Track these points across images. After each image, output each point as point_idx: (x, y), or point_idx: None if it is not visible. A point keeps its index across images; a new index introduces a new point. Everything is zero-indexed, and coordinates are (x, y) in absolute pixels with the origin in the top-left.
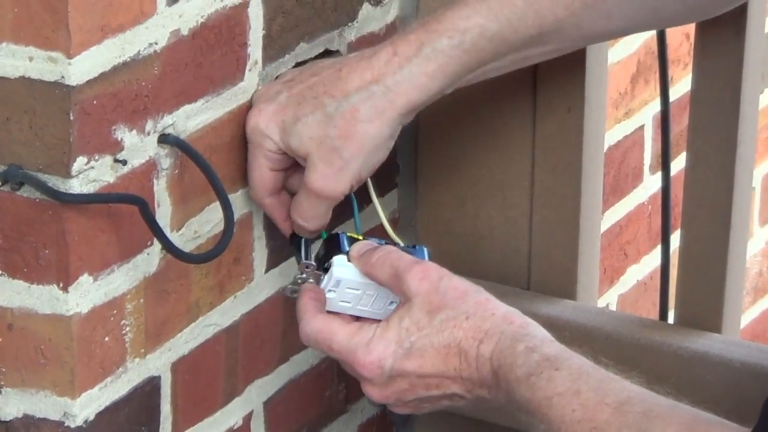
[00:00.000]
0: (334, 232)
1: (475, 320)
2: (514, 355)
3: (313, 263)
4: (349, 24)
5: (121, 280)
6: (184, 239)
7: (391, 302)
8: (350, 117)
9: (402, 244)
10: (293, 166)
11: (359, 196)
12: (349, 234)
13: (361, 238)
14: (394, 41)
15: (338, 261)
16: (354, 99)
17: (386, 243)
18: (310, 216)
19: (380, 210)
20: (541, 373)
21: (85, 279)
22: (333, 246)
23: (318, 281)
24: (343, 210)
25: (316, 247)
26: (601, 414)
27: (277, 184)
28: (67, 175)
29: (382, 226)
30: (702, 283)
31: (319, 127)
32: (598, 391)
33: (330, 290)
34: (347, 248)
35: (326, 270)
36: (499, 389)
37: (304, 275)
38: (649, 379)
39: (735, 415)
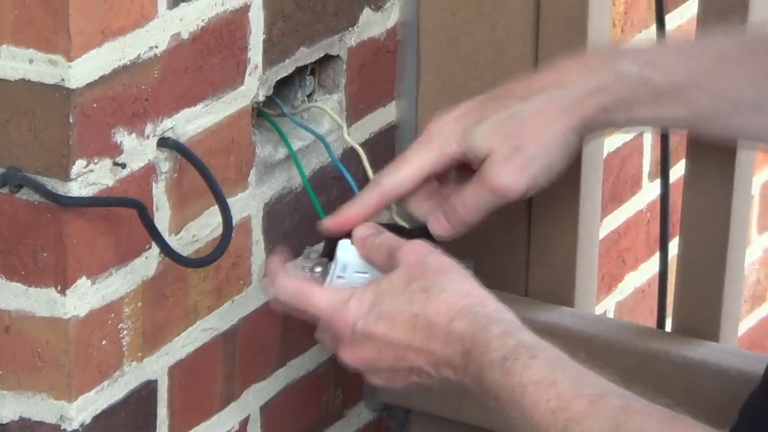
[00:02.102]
0: None
1: (448, 295)
2: (489, 338)
3: (318, 249)
4: (350, 29)
5: (119, 283)
6: (183, 243)
7: None
8: (535, 116)
9: (407, 227)
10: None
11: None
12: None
13: None
14: (586, 55)
15: (343, 245)
16: (537, 99)
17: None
18: (474, 207)
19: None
20: (516, 359)
21: (83, 282)
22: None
23: (325, 268)
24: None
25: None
26: (577, 405)
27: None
28: (66, 178)
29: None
30: (700, 291)
31: (502, 126)
32: (575, 383)
33: (339, 276)
34: None
35: (332, 258)
36: (466, 372)
37: (310, 262)
38: (646, 387)
39: (730, 425)
